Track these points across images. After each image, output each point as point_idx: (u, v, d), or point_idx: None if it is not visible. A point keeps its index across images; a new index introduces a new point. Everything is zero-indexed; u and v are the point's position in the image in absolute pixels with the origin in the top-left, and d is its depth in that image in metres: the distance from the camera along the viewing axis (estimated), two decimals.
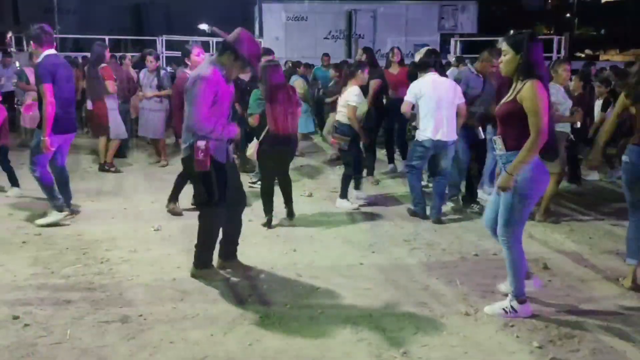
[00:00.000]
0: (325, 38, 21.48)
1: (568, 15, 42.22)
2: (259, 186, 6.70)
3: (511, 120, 3.42)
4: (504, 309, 3.57)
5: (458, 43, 15.23)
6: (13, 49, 15.23)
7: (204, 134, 3.73)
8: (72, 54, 13.07)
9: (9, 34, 16.48)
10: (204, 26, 34.79)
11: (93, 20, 21.23)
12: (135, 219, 5.57)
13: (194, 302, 3.73)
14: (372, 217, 5.80)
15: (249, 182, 6.78)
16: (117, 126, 7.84)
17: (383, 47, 21.61)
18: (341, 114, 6.00)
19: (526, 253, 3.99)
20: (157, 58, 8.15)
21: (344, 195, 6.10)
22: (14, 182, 6.48)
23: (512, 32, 3.55)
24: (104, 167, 7.76)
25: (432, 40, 21.44)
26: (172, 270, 4.27)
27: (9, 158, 6.62)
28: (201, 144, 3.70)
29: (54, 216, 5.31)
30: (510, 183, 3.38)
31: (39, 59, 5.15)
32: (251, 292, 3.89)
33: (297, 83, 8.85)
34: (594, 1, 42.61)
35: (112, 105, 7.77)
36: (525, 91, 3.33)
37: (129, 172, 7.83)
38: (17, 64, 14.09)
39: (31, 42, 5.17)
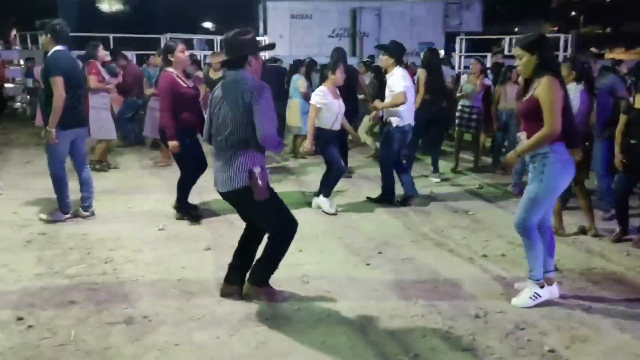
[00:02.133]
0: (329, 36, 21.42)
1: (574, 13, 42.05)
2: None
3: (531, 116, 3.54)
4: (530, 297, 3.68)
5: (464, 41, 15.09)
6: (17, 47, 15.23)
7: (275, 149, 3.54)
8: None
9: (13, 32, 16.44)
10: (207, 24, 34.74)
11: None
12: (139, 219, 5.53)
13: (200, 303, 3.68)
14: (378, 216, 5.74)
15: None
16: (100, 126, 7.39)
17: None
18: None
19: None
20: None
21: (327, 193, 5.84)
22: None
23: (522, 35, 3.70)
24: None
25: (437, 38, 21.45)
26: (177, 270, 4.23)
27: None
28: (257, 169, 3.37)
29: (56, 215, 5.34)
30: (514, 160, 3.69)
31: (49, 53, 5.11)
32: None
33: (300, 82, 8.77)
34: None
35: (97, 102, 7.33)
36: (541, 87, 3.47)
37: (132, 172, 7.79)
38: (22, 62, 14.07)
39: (49, 35, 5.07)
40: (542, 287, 3.70)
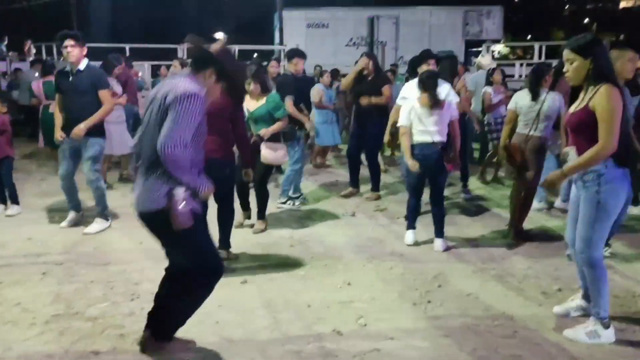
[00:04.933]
0: (346, 45, 21.07)
1: (586, 20, 41.57)
2: (289, 206, 6.21)
3: (584, 129, 3.17)
4: (587, 334, 3.28)
5: (491, 49, 14.55)
6: (32, 58, 14.87)
7: (177, 173, 2.74)
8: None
9: (28, 43, 16.13)
10: (219, 35, 34.57)
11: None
12: None
13: (243, 352, 3.15)
14: (424, 241, 5.16)
15: (278, 202, 6.27)
16: (120, 140, 7.10)
17: (406, 53, 21.11)
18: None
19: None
20: (183, 64, 7.59)
21: (441, 233, 5.02)
22: (14, 199, 6.04)
23: (573, 37, 3.30)
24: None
25: (456, 46, 20.96)
26: (213, 310, 3.66)
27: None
28: (180, 190, 2.73)
29: (102, 224, 5.41)
30: (560, 182, 3.28)
31: (85, 65, 5.18)
32: (310, 340, 3.30)
33: (315, 92, 8.27)
34: (611, 7, 42.05)
35: (112, 117, 6.67)
36: (599, 96, 3.10)
37: None
38: (37, 74, 13.70)
39: (84, 47, 5.16)
40: (607, 327, 3.27)
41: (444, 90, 5.14)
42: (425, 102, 4.90)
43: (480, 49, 18.57)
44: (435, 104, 4.87)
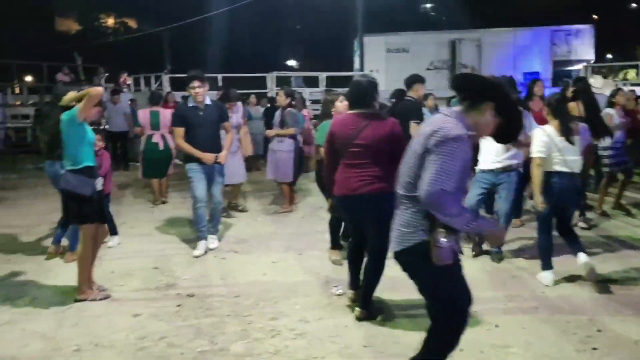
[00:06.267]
0: (427, 69, 20.76)
1: None
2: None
3: None
4: None
5: (589, 70, 13.88)
6: (129, 90, 15.59)
7: (446, 216, 2.52)
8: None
9: (124, 76, 16.90)
10: (291, 62, 35.15)
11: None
12: (289, 277, 4.92)
13: None
14: (569, 280, 4.70)
15: None
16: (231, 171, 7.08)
17: None
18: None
19: None
20: (288, 94, 7.58)
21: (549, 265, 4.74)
22: (114, 230, 5.95)
23: None
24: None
25: (543, 67, 20.21)
26: (360, 350, 3.52)
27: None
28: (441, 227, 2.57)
29: (204, 245, 5.66)
30: None
31: (209, 100, 5.76)
32: None
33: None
34: None
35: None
36: None
37: (254, 218, 7.31)
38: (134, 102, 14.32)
39: (206, 84, 5.63)
40: None
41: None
42: (558, 129, 4.61)
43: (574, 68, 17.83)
44: (567, 132, 4.57)
